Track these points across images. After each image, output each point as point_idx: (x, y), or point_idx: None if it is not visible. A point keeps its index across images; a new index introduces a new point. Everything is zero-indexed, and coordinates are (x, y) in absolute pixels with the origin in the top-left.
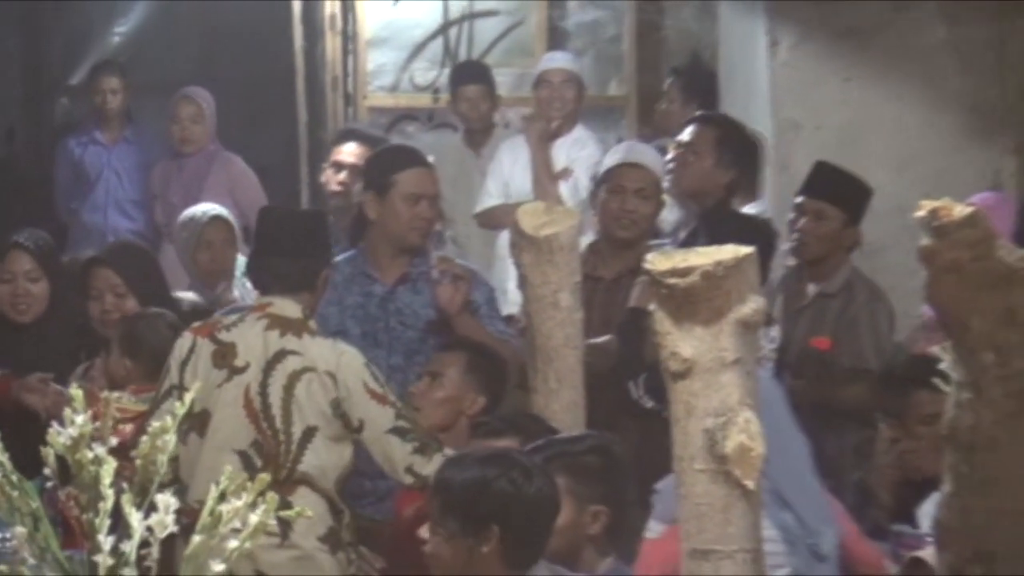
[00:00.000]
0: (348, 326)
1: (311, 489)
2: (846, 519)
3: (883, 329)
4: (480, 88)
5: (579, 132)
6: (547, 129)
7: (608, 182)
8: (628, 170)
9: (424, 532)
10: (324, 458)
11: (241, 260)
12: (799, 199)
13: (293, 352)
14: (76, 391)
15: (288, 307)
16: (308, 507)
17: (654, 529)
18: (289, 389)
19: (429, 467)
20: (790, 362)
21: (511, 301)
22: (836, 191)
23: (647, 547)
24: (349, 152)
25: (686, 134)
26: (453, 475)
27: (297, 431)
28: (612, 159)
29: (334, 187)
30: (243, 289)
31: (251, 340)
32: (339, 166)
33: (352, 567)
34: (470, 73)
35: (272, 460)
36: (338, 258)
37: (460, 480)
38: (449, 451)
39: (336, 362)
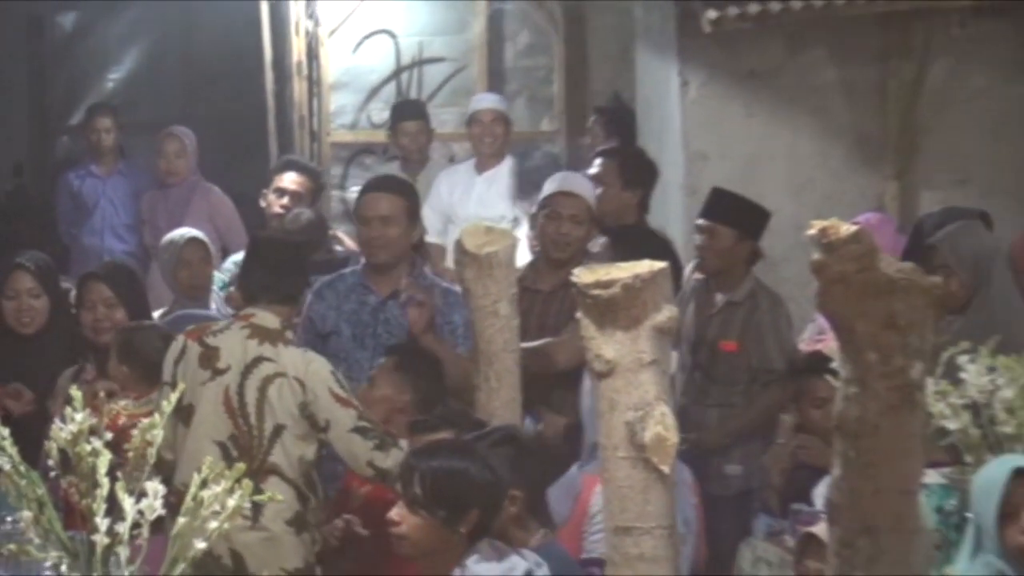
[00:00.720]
0: (341, 328)
1: (280, 479)
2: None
3: (784, 332)
4: (418, 124)
5: (511, 163)
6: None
7: (545, 208)
8: (562, 198)
9: (395, 515)
10: (291, 452)
11: (217, 276)
12: (699, 221)
13: (268, 359)
14: (76, 392)
15: (268, 319)
16: (277, 494)
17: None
18: (263, 391)
19: (388, 461)
20: (701, 362)
21: None
22: (726, 212)
23: None
24: (290, 180)
25: (594, 167)
26: (437, 466)
27: (268, 428)
28: (549, 187)
29: (276, 210)
30: (219, 302)
31: (233, 346)
32: (281, 192)
33: (316, 546)
34: (409, 111)
35: (246, 452)
36: (344, 270)
37: (446, 471)
38: (405, 445)
39: (305, 369)
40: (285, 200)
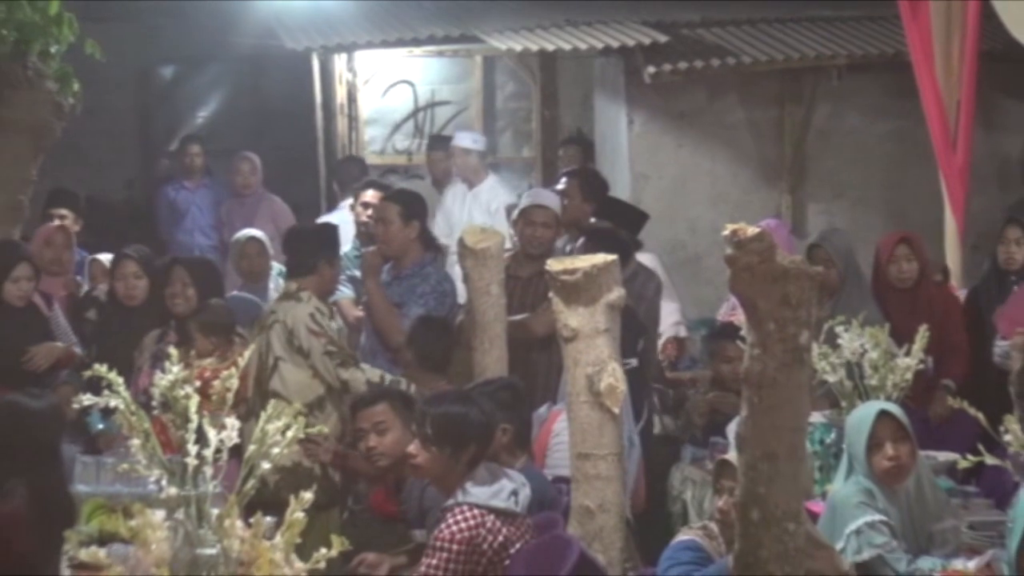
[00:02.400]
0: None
1: (280, 399)
2: None
3: (651, 295)
4: (443, 153)
5: (492, 180)
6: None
7: (523, 217)
8: (535, 209)
9: (412, 449)
10: (287, 379)
11: (276, 265)
12: (592, 220)
13: (273, 312)
14: (173, 351)
15: (290, 285)
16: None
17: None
18: (268, 334)
19: (346, 374)
20: None
21: (462, 292)
22: (613, 214)
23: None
24: (371, 195)
25: (560, 183)
26: (445, 411)
27: (269, 361)
28: (525, 201)
29: (363, 219)
30: (276, 285)
31: (271, 307)
32: (365, 204)
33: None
34: (438, 143)
35: (259, 381)
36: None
37: (453, 415)
38: (365, 366)
39: (291, 313)
40: (369, 211)
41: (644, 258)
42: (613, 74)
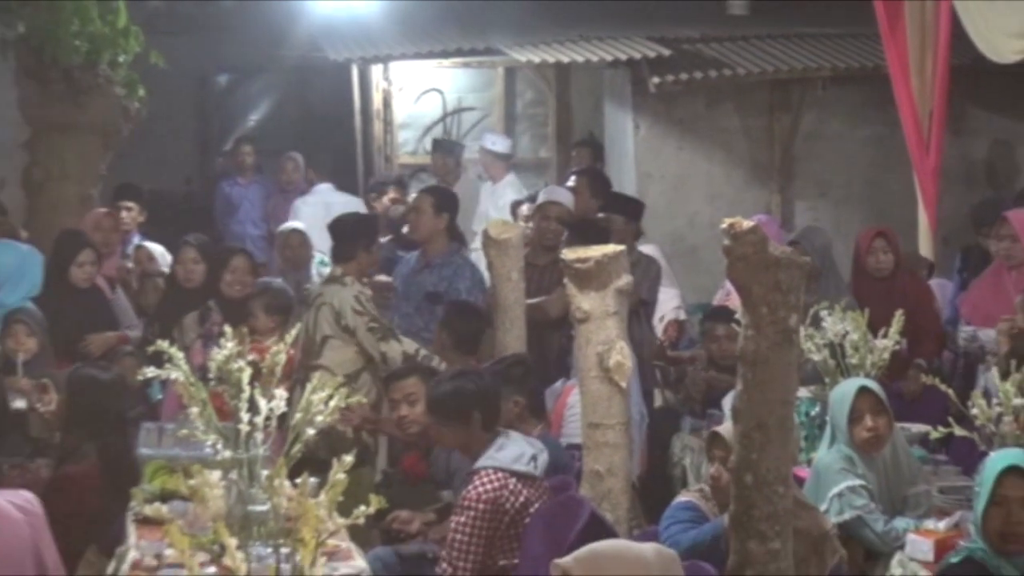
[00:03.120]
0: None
1: (327, 372)
2: None
3: (652, 276)
4: (444, 155)
5: (511, 177)
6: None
7: (539, 211)
8: (549, 205)
9: (432, 430)
10: (333, 356)
11: (317, 254)
12: (599, 215)
13: (320, 294)
14: (229, 329)
15: (335, 269)
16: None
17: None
18: (316, 314)
19: (385, 347)
20: None
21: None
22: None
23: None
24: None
25: (570, 181)
26: (441, 389)
27: (317, 338)
28: (541, 197)
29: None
30: (318, 271)
31: (317, 290)
32: (395, 200)
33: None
34: (440, 147)
35: (308, 355)
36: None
37: (448, 391)
38: (404, 339)
39: (338, 296)
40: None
41: (646, 248)
42: (621, 84)
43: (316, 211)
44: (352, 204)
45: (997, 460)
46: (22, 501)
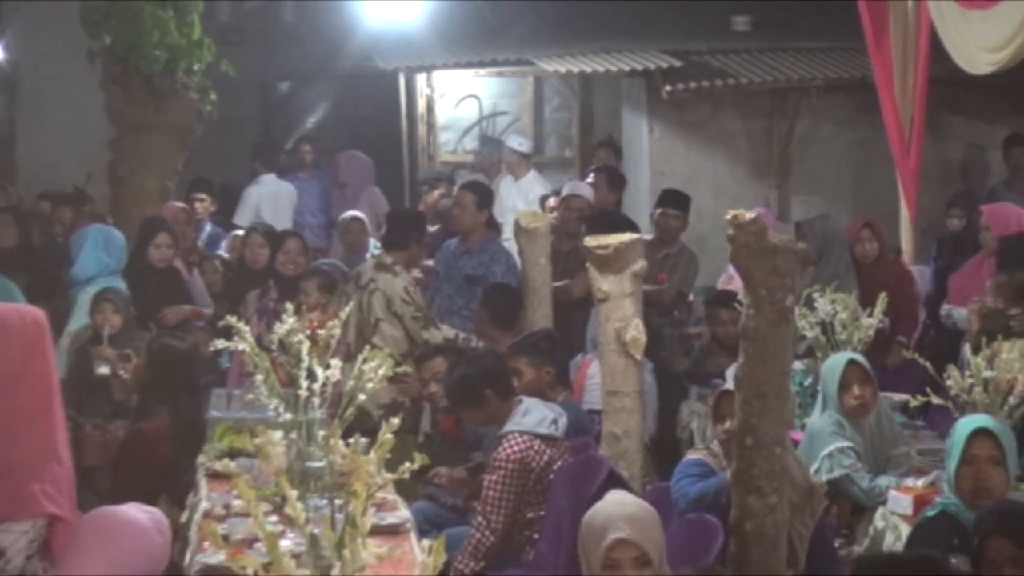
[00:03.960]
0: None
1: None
2: None
3: (691, 272)
4: (490, 151)
5: (532, 174)
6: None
7: (563, 203)
8: (572, 198)
9: (463, 417)
10: (386, 336)
11: (372, 241)
12: (658, 210)
13: (373, 280)
14: (288, 305)
15: (385, 257)
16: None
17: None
18: (370, 298)
19: (427, 334)
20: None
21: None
22: (677, 202)
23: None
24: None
25: (590, 178)
26: (449, 381)
27: (371, 320)
28: (565, 191)
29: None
30: (372, 255)
31: (365, 272)
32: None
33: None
34: (486, 143)
35: (361, 333)
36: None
37: (456, 377)
38: (443, 326)
39: (389, 284)
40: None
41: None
42: (637, 91)
43: (265, 198)
44: (284, 188)
45: (966, 424)
46: (155, 522)
